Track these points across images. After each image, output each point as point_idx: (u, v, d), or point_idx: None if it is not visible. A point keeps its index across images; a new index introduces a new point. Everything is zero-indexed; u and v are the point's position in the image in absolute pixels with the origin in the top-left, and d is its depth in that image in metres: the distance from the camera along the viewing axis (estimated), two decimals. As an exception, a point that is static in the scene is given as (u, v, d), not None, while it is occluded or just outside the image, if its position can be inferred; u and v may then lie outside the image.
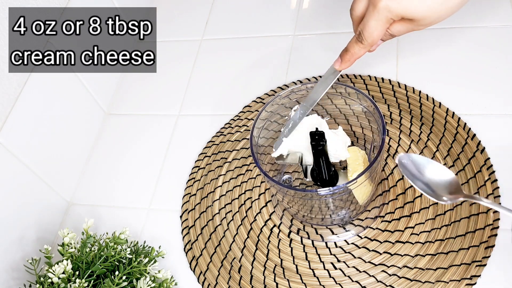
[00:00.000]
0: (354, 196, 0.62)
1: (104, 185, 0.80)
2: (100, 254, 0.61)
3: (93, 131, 0.86)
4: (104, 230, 0.75)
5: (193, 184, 0.77)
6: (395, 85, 0.78)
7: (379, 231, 0.66)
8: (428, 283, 0.61)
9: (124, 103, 0.89)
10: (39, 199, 0.74)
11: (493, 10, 0.82)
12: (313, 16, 0.91)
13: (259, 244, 0.69)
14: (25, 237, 0.70)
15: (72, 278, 0.59)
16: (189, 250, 0.71)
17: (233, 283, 0.67)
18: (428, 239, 0.64)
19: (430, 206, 0.66)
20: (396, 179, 0.70)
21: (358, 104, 0.65)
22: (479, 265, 0.61)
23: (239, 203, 0.73)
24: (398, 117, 0.75)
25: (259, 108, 0.81)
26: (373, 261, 0.64)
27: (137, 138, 0.84)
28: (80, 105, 0.82)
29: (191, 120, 0.84)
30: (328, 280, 0.64)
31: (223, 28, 0.94)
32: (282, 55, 0.87)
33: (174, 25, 0.98)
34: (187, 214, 0.74)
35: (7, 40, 0.69)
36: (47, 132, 0.75)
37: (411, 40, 0.83)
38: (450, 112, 0.73)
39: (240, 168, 0.76)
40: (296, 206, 0.65)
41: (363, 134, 0.70)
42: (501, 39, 0.79)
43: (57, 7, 0.78)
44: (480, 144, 0.70)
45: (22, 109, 0.70)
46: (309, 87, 0.65)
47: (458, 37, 0.81)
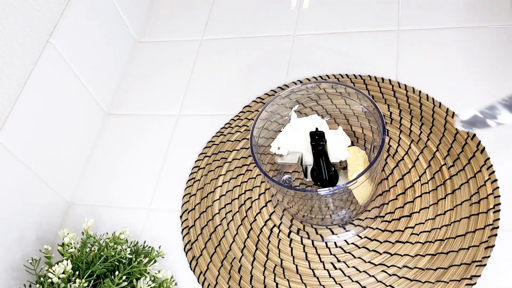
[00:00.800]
0: (354, 196, 0.62)
1: (104, 185, 0.80)
2: (100, 254, 0.61)
3: (93, 131, 0.85)
4: (104, 230, 0.75)
5: (193, 184, 0.77)
6: (395, 85, 0.78)
7: (379, 231, 0.66)
8: (428, 283, 0.61)
9: (124, 103, 0.89)
10: (39, 199, 0.73)
11: (493, 10, 0.82)
12: (313, 16, 0.91)
13: (259, 244, 0.69)
14: (25, 237, 0.70)
15: (72, 278, 0.59)
16: (189, 250, 0.71)
17: (233, 283, 0.67)
18: (428, 239, 0.64)
19: (430, 206, 0.67)
20: (396, 179, 0.70)
21: (358, 104, 0.65)
22: (479, 265, 0.61)
23: (239, 203, 0.73)
24: (398, 117, 0.75)
25: (259, 108, 0.81)
26: (373, 261, 0.64)
27: (137, 138, 0.84)
28: (80, 105, 0.82)
29: (191, 120, 0.84)
30: (328, 280, 0.64)
31: (223, 28, 0.94)
32: (282, 55, 0.87)
33: (174, 25, 0.98)
34: (187, 214, 0.74)
35: (7, 40, 0.69)
36: (47, 132, 0.75)
37: (411, 40, 0.83)
38: (450, 112, 0.73)
39: (240, 168, 0.76)
40: (296, 206, 0.65)
41: (363, 134, 0.70)
42: (501, 39, 0.79)
43: (57, 7, 0.78)
44: (480, 144, 0.70)
45: (22, 109, 0.70)
46: (309, 87, 0.65)
47: (458, 37, 0.81)
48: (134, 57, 0.95)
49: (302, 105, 0.68)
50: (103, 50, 0.88)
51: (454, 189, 0.67)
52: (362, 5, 0.90)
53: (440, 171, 0.69)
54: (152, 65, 0.93)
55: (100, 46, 0.87)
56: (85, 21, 0.83)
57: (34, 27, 0.73)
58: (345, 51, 0.85)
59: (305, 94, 0.66)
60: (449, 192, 0.67)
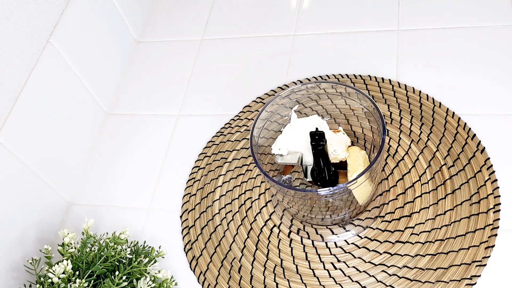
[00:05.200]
0: (354, 196, 0.62)
1: (104, 185, 0.80)
2: (100, 254, 0.61)
3: (93, 131, 0.85)
4: (104, 230, 0.75)
5: (193, 184, 0.77)
6: (395, 85, 0.78)
7: (379, 231, 0.66)
8: (428, 283, 0.61)
9: (124, 103, 0.89)
10: (39, 199, 0.73)
11: (493, 10, 0.82)
12: (313, 16, 0.91)
13: (259, 244, 0.69)
14: (25, 237, 0.70)
15: (72, 278, 0.59)
16: (189, 250, 0.71)
17: (233, 283, 0.67)
18: (428, 239, 0.64)
19: (430, 206, 0.67)
20: (396, 179, 0.70)
21: (358, 104, 0.65)
22: (479, 265, 0.61)
23: (239, 203, 0.73)
24: (398, 117, 0.75)
25: (259, 108, 0.81)
26: (373, 261, 0.64)
27: (137, 138, 0.84)
28: (80, 105, 0.82)
29: (191, 120, 0.84)
30: (328, 280, 0.64)
31: (223, 28, 0.94)
32: (282, 55, 0.87)
33: (174, 25, 0.98)
34: (187, 214, 0.74)
35: (7, 40, 0.69)
36: (47, 132, 0.75)
37: (411, 40, 0.83)
38: (450, 112, 0.73)
39: (240, 168, 0.76)
40: (296, 206, 0.65)
41: (363, 134, 0.70)
42: (501, 39, 0.79)
43: (57, 7, 0.78)
44: (480, 144, 0.70)
45: (22, 109, 0.70)
46: (309, 87, 0.65)
47: (458, 37, 0.81)
48: (134, 57, 0.95)
49: (302, 105, 0.68)
50: (103, 50, 0.88)
51: (454, 189, 0.67)
52: (362, 5, 0.90)
53: (440, 171, 0.69)
54: (152, 65, 0.93)
55: (100, 46, 0.87)
56: (85, 21, 0.83)
57: (34, 27, 0.73)
58: (345, 51, 0.85)
59: (305, 94, 0.66)
60: (449, 192, 0.67)
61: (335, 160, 0.65)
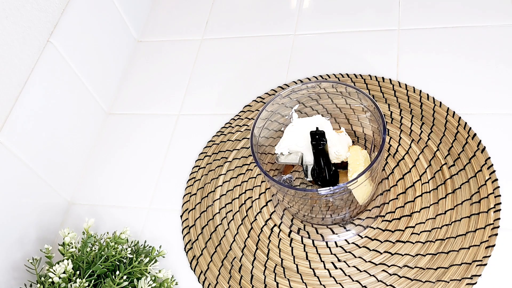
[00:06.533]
0: (354, 195, 0.62)
1: (104, 185, 0.80)
2: (101, 253, 0.61)
3: (93, 131, 0.85)
4: (105, 229, 0.75)
5: (193, 183, 0.77)
6: (396, 84, 0.78)
7: (380, 230, 0.66)
8: (429, 282, 0.61)
9: (125, 102, 0.89)
10: (39, 198, 0.73)
11: (493, 10, 0.82)
12: (314, 15, 0.91)
13: (260, 243, 0.69)
14: (26, 236, 0.70)
15: (72, 277, 0.59)
16: (190, 249, 0.71)
17: (233, 283, 0.67)
18: (429, 238, 0.64)
19: (431, 206, 0.67)
20: (397, 178, 0.70)
21: (358, 103, 0.65)
22: (479, 264, 0.61)
23: (240, 202, 0.73)
24: (399, 116, 0.75)
25: (260, 108, 0.81)
26: (374, 261, 0.64)
27: (138, 137, 0.84)
28: (80, 104, 0.82)
29: (191, 120, 0.84)
30: (328, 280, 0.64)
31: (223, 28, 0.94)
32: (282, 54, 0.87)
33: (174, 25, 0.98)
34: (187, 214, 0.74)
35: (7, 40, 0.69)
36: (48, 132, 0.75)
37: (411, 40, 0.83)
38: (450, 112, 0.73)
39: (241, 167, 0.76)
40: (296, 205, 0.65)
41: (363, 134, 0.70)
42: (501, 39, 0.79)
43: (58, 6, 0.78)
44: (480, 143, 0.70)
45: (23, 108, 0.70)
46: (309, 86, 0.65)
47: (458, 37, 0.81)
48: (134, 56, 0.95)
49: (302, 105, 0.68)
50: (103, 49, 0.88)
51: (455, 189, 0.67)
52: (362, 5, 0.90)
53: (441, 171, 0.69)
54: (152, 65, 0.93)
55: (101, 45, 0.87)
56: (85, 20, 0.83)
57: (34, 26, 0.73)
58: (346, 51, 0.85)
59: (305, 94, 0.66)
60: (449, 191, 0.67)
61: (337, 161, 0.65)
